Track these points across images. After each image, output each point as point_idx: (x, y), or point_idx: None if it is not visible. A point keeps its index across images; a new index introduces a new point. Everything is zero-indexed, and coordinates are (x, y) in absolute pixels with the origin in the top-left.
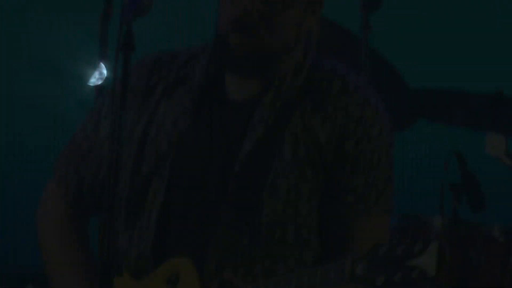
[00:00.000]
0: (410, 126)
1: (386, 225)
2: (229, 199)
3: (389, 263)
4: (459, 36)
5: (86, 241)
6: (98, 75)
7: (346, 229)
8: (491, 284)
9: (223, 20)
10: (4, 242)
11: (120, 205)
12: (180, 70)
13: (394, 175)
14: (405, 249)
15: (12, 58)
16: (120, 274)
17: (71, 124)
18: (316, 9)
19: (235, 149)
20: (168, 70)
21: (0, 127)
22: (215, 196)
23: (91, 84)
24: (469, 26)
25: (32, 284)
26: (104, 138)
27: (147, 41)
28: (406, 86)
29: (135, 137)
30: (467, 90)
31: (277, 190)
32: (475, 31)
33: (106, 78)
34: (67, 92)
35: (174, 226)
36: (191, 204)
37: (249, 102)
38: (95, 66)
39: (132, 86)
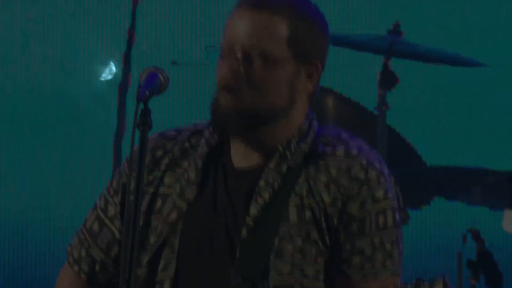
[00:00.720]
0: (427, 204)
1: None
2: (236, 263)
3: None
4: (476, 115)
5: None
6: (108, 72)
7: None
8: None
9: (216, 84)
10: None
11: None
12: (185, 144)
13: (402, 239)
14: None
15: (40, 58)
16: None
17: (86, 110)
18: (313, 74)
19: (242, 214)
20: (173, 145)
21: (28, 115)
22: (223, 262)
23: (102, 79)
24: (486, 104)
25: None
26: (113, 217)
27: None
28: (423, 163)
29: (141, 210)
30: (484, 168)
31: (283, 253)
32: (493, 109)
33: (115, 74)
34: (83, 85)
35: None
36: (200, 271)
37: (255, 169)
38: (105, 65)
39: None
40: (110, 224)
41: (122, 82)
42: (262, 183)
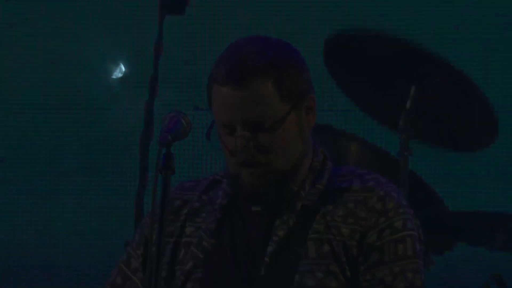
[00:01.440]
0: (450, 250)
1: None
2: None
3: None
4: (498, 158)
5: None
6: (119, 70)
7: None
8: None
9: (230, 165)
10: None
11: None
12: (202, 196)
13: (424, 271)
14: None
15: (58, 58)
16: None
17: (100, 104)
18: (312, 107)
19: (260, 254)
20: (191, 195)
21: (47, 109)
22: None
23: (114, 77)
24: (508, 147)
25: None
26: (136, 269)
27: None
28: (446, 209)
29: (164, 261)
30: (506, 212)
31: None
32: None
33: (124, 72)
34: (97, 81)
35: None
36: None
37: (270, 210)
38: (117, 64)
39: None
40: (133, 276)
41: (143, 134)
42: (277, 221)
